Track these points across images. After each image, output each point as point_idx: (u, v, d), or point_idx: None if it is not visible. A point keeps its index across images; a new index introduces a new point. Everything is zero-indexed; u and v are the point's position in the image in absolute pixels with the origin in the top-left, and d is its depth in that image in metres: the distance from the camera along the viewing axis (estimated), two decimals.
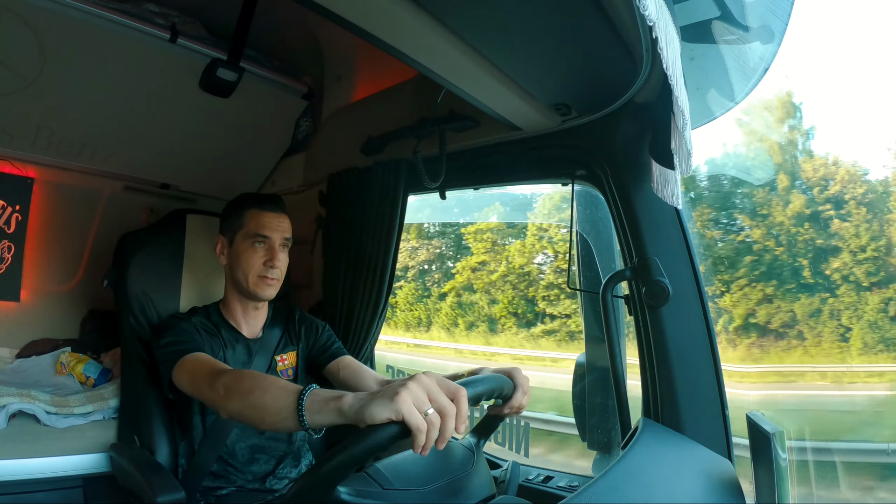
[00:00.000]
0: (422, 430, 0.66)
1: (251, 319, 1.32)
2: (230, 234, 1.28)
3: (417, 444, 0.66)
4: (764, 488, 0.84)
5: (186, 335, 1.16)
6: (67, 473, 1.34)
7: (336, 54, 1.82)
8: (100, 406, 1.46)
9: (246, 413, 0.87)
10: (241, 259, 1.25)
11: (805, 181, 10.08)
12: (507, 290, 12.83)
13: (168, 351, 1.12)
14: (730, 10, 0.90)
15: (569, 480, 1.30)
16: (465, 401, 0.71)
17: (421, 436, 0.66)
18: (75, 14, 1.30)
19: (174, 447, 1.27)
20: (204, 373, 1.01)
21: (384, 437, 0.66)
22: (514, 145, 1.33)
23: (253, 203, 1.28)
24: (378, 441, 0.66)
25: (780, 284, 9.80)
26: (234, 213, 1.29)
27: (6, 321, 1.78)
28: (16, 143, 1.58)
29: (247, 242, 1.25)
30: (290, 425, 0.78)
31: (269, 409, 0.81)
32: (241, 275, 1.25)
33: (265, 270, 1.24)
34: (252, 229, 1.25)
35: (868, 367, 8.43)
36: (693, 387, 1.06)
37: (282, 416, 0.79)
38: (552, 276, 12.32)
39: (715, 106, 1.17)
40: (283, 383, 0.85)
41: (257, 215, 1.26)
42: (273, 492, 1.23)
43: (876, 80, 14.20)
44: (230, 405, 0.90)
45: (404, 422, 0.65)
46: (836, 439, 4.98)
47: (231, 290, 1.31)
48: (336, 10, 0.81)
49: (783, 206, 9.99)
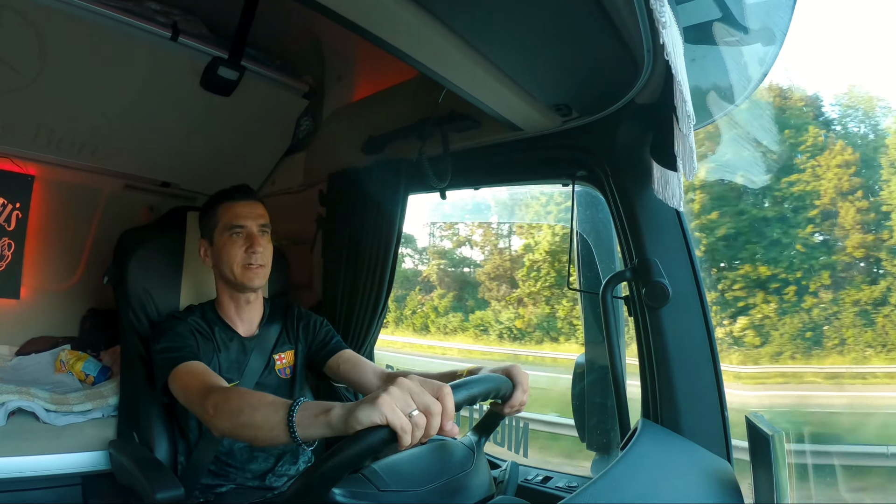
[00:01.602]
0: (406, 430, 0.67)
1: (245, 315, 1.31)
2: (208, 234, 1.28)
3: (402, 444, 0.67)
4: (763, 490, 0.84)
5: (182, 341, 1.16)
6: (67, 471, 1.34)
7: (337, 54, 1.82)
8: (99, 404, 1.46)
9: (237, 432, 0.89)
10: (223, 253, 1.24)
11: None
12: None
13: (163, 357, 1.13)
14: (731, 11, 0.90)
15: (567, 481, 1.30)
16: (449, 398, 0.71)
17: (406, 436, 0.67)
18: (76, 12, 1.30)
19: (173, 444, 1.27)
20: (195, 388, 1.02)
21: (374, 441, 0.67)
22: (515, 146, 1.33)
23: (223, 197, 1.28)
24: (367, 445, 0.67)
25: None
26: (207, 214, 1.29)
27: (6, 319, 1.78)
28: (16, 140, 1.58)
29: (224, 236, 1.24)
30: (282, 441, 0.79)
31: (261, 426, 0.82)
32: (226, 269, 1.25)
33: (248, 258, 1.23)
34: (227, 221, 1.25)
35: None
36: (692, 388, 1.06)
37: (273, 432, 0.80)
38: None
39: (715, 108, 1.17)
40: (272, 399, 0.85)
41: (229, 207, 1.26)
42: (272, 489, 1.23)
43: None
44: (220, 424, 0.91)
45: (388, 424, 0.67)
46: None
47: (222, 288, 1.30)
48: (337, 10, 0.81)
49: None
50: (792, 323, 8.03)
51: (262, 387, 1.27)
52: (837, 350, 7.63)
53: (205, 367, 1.10)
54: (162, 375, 1.11)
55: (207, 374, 1.07)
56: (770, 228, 8.23)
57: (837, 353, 7.63)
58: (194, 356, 1.12)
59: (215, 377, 1.07)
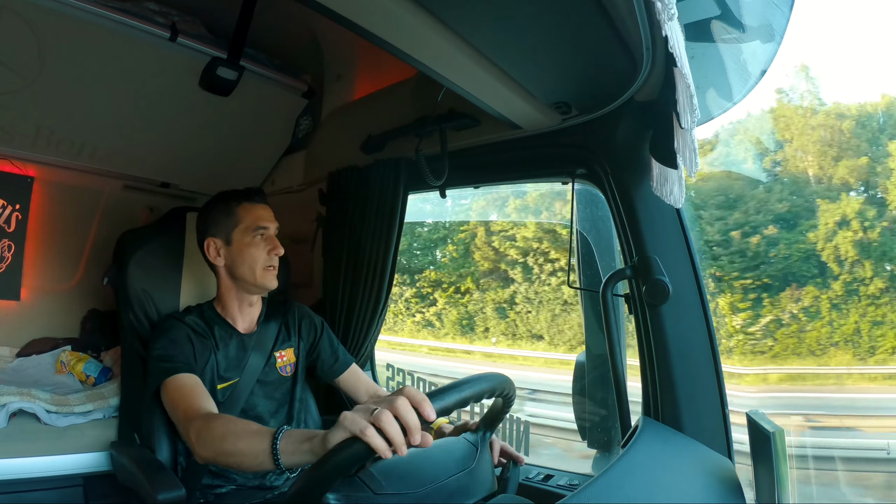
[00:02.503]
0: (368, 434, 0.67)
1: (247, 314, 1.32)
2: (224, 233, 1.27)
3: (376, 448, 0.67)
4: (764, 487, 0.84)
5: (176, 349, 1.16)
6: (68, 472, 1.34)
7: (336, 53, 1.82)
8: (100, 405, 1.46)
9: (221, 459, 0.90)
10: (245, 254, 1.25)
11: None
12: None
13: (156, 366, 1.14)
14: (730, 9, 0.90)
15: (569, 479, 1.30)
16: (410, 390, 0.72)
17: (374, 440, 0.67)
18: (75, 13, 1.30)
19: (174, 445, 1.27)
20: (181, 409, 1.03)
21: (351, 453, 0.68)
22: (515, 144, 1.33)
23: (241, 198, 1.28)
24: (346, 456, 0.68)
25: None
26: (222, 213, 1.28)
27: (6, 320, 1.78)
28: (16, 142, 1.57)
29: (248, 237, 1.25)
30: (267, 468, 0.81)
31: (245, 454, 0.84)
32: (246, 269, 1.25)
33: (270, 260, 1.26)
34: (251, 223, 1.25)
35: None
36: (693, 385, 1.06)
37: (258, 460, 0.81)
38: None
39: (713, 106, 1.17)
40: (256, 427, 0.87)
41: (251, 209, 1.27)
42: (273, 489, 1.23)
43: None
44: (203, 453, 0.91)
45: (355, 435, 0.68)
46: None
47: (229, 287, 1.30)
48: (336, 9, 0.81)
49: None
50: (455, 312, 11.96)
51: (264, 384, 1.27)
52: (484, 335, 11.67)
53: (195, 382, 1.11)
54: (153, 383, 1.13)
55: (195, 395, 1.07)
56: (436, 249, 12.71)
57: (484, 338, 11.59)
58: (188, 367, 1.13)
59: (202, 398, 1.07)
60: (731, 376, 7.10)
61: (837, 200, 9.41)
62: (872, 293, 8.94)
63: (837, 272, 9.22)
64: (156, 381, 1.12)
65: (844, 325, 8.94)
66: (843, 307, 9.08)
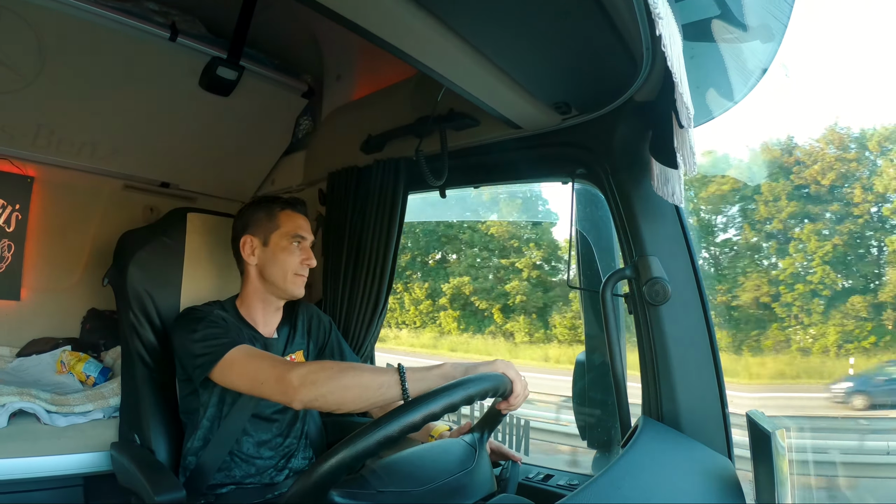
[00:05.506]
0: (518, 380, 0.94)
1: (270, 319, 1.32)
2: (263, 234, 1.29)
3: (515, 396, 0.95)
4: (764, 487, 0.84)
5: (224, 325, 1.16)
6: (68, 472, 1.34)
7: (336, 53, 1.82)
8: (100, 405, 1.47)
9: (337, 394, 0.95)
10: (280, 258, 1.27)
11: None
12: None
13: (209, 344, 1.10)
14: (730, 8, 0.90)
15: (569, 479, 1.30)
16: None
17: (518, 382, 0.95)
18: (75, 13, 1.30)
19: (174, 446, 1.27)
20: (266, 366, 1.04)
21: (486, 386, 0.86)
22: (514, 144, 1.33)
23: (285, 205, 1.32)
24: (481, 388, 0.85)
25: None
26: (264, 214, 1.30)
27: (6, 320, 1.78)
28: (16, 142, 1.58)
29: (285, 242, 1.27)
30: (390, 396, 0.93)
31: (368, 386, 0.94)
32: (277, 273, 1.27)
33: (302, 269, 1.29)
34: (291, 230, 1.29)
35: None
36: (693, 385, 1.06)
37: (381, 389, 0.93)
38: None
39: (714, 105, 1.17)
40: (368, 366, 1.01)
41: (293, 217, 1.30)
42: (274, 486, 1.23)
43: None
44: (310, 393, 0.95)
45: (506, 374, 0.94)
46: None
47: (256, 289, 1.29)
48: (336, 9, 0.81)
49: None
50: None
51: None
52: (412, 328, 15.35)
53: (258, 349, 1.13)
54: (206, 363, 1.08)
55: (267, 354, 1.10)
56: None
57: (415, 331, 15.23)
58: (242, 341, 1.12)
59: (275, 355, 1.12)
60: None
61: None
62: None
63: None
64: (212, 359, 1.08)
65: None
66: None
